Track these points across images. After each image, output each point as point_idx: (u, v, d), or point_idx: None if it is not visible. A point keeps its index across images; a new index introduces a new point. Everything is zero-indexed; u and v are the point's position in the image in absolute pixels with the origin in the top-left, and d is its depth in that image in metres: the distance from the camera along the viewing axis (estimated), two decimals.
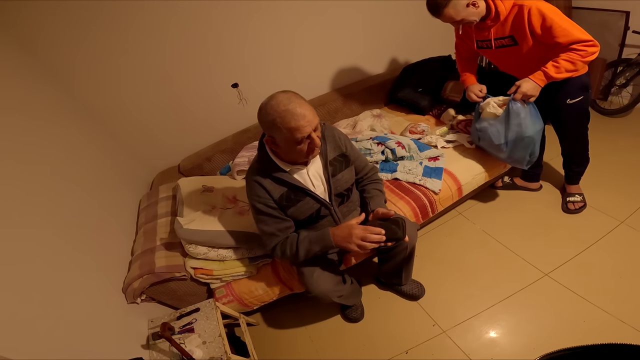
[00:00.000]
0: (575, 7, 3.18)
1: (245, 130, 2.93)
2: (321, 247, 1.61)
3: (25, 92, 1.88)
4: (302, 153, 1.45)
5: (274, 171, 1.53)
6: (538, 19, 1.79)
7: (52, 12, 2.04)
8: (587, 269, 2.08)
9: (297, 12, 2.75)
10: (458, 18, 1.87)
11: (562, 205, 2.49)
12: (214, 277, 2.00)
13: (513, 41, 1.94)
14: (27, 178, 1.57)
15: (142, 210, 2.40)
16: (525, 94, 1.94)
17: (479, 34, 2.04)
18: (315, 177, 1.63)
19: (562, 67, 1.82)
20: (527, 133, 2.05)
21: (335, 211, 1.72)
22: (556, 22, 1.76)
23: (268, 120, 1.35)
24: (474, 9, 1.85)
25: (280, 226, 1.63)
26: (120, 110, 2.50)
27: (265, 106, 1.36)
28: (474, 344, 1.91)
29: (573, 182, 2.46)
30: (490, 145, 2.22)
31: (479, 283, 2.17)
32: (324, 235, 1.59)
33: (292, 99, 1.34)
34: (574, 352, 0.76)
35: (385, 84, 3.27)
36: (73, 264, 1.59)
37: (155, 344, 1.71)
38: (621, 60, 3.07)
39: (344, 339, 2.14)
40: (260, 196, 1.56)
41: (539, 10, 1.78)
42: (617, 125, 3.07)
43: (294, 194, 1.58)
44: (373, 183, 1.86)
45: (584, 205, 2.42)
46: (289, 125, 1.33)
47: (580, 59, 1.79)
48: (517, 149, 2.14)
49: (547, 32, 1.79)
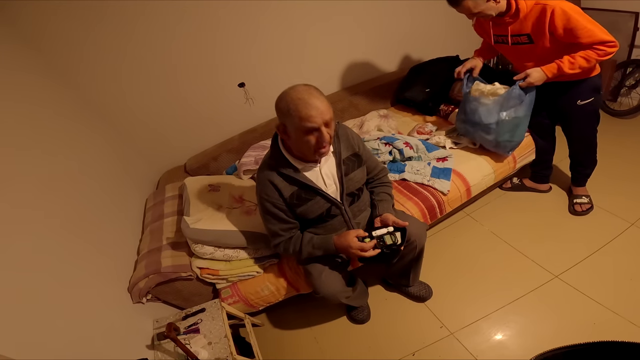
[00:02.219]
0: (584, 8, 3.14)
1: (252, 129, 2.92)
2: (323, 252, 1.68)
3: (34, 87, 1.89)
4: (310, 147, 1.45)
5: (286, 169, 1.54)
6: (562, 20, 1.76)
7: (57, 10, 2.04)
8: (598, 271, 2.05)
9: (303, 12, 2.74)
10: (475, 11, 1.85)
11: (568, 207, 2.47)
12: (220, 277, 1.99)
13: (529, 39, 1.92)
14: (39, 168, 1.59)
15: (148, 210, 2.39)
16: (532, 83, 1.96)
17: (497, 28, 2.03)
18: (328, 176, 1.63)
19: (577, 63, 1.80)
20: (521, 114, 2.11)
21: (345, 210, 1.70)
22: (581, 23, 1.73)
23: (282, 106, 1.38)
24: (493, 3, 1.83)
25: (284, 226, 1.65)
26: (126, 108, 2.49)
27: (284, 93, 1.40)
28: (482, 346, 1.88)
29: (580, 184, 2.43)
30: (475, 125, 2.23)
31: (487, 285, 2.15)
32: (328, 242, 1.65)
33: (311, 91, 1.37)
34: (569, 350, 0.76)
35: (392, 84, 3.25)
36: (80, 260, 1.59)
37: (160, 344, 1.70)
38: (631, 61, 3.04)
39: (350, 340, 2.12)
40: (269, 195, 1.56)
41: (563, 11, 1.75)
42: (627, 127, 3.03)
43: (305, 193, 1.58)
44: (383, 186, 1.86)
45: (591, 207, 2.40)
46: (300, 114, 1.35)
47: (596, 57, 1.78)
48: (504, 130, 2.17)
49: (570, 32, 1.76)
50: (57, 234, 1.53)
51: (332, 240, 1.63)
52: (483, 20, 1.99)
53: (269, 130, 2.84)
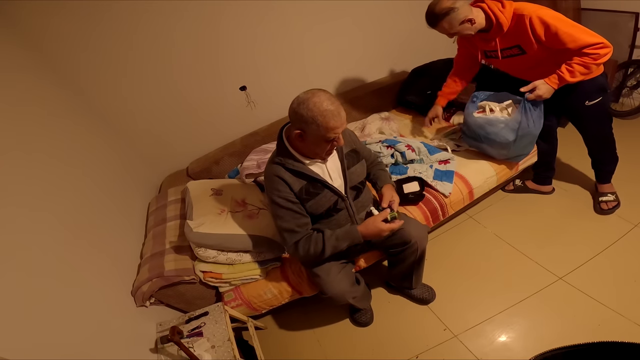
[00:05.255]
0: (584, 9, 3.16)
1: (254, 133, 2.92)
2: (349, 242, 1.68)
3: (35, 88, 1.89)
4: (324, 151, 1.53)
5: (293, 164, 1.57)
6: (540, 28, 1.78)
7: (59, 12, 2.05)
8: (602, 272, 2.04)
9: (305, 15, 2.75)
10: (452, 31, 1.93)
11: (594, 206, 2.43)
12: (223, 281, 1.99)
13: (521, 50, 1.93)
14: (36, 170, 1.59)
15: (151, 213, 2.39)
16: (541, 97, 1.94)
17: (485, 44, 2.04)
18: (333, 170, 1.68)
19: (576, 71, 1.80)
20: (536, 130, 2.11)
21: (350, 204, 1.75)
22: (561, 29, 1.74)
23: (308, 115, 1.39)
24: (469, 25, 1.89)
25: (299, 222, 1.65)
26: (128, 112, 2.50)
27: (307, 101, 1.40)
28: (486, 349, 1.88)
29: (604, 181, 2.39)
30: (496, 145, 2.22)
31: (490, 287, 2.14)
32: (352, 232, 1.67)
33: (333, 101, 1.41)
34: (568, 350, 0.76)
35: (394, 86, 3.26)
36: (83, 263, 1.59)
37: (163, 347, 1.70)
38: (632, 62, 3.04)
39: (353, 343, 2.12)
40: (280, 190, 1.58)
41: (540, 19, 1.77)
42: (629, 128, 3.02)
43: (313, 186, 1.62)
44: (376, 166, 1.99)
45: (618, 205, 2.35)
46: (327, 125, 1.39)
47: (593, 62, 1.77)
48: (522, 145, 2.19)
49: (554, 39, 1.78)
50: (60, 237, 1.53)
51: (357, 229, 1.66)
52: (471, 37, 2.02)
53: (271, 134, 2.84)
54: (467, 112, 2.27)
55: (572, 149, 2.71)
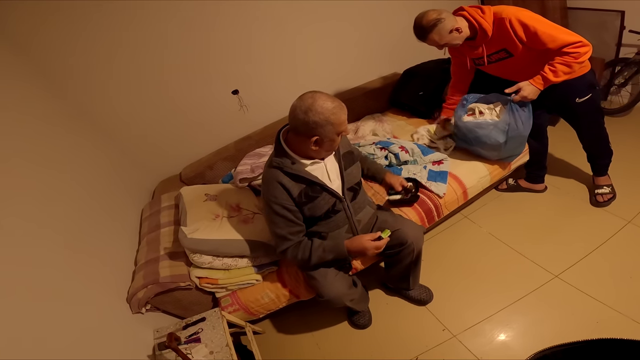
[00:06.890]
0: (570, 8, 3.19)
1: (247, 137, 2.90)
2: (334, 255, 1.70)
3: (23, 94, 1.87)
4: (332, 147, 1.54)
5: (292, 167, 1.56)
6: (519, 29, 1.83)
7: (47, 17, 2.02)
8: (597, 269, 2.05)
9: (297, 18, 2.75)
10: (442, 42, 1.96)
11: (590, 198, 2.46)
12: (219, 286, 1.98)
13: (508, 53, 1.97)
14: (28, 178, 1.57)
15: (144, 220, 2.37)
16: (526, 97, 1.97)
17: (472, 52, 2.08)
18: (332, 171, 1.68)
19: (559, 70, 1.85)
20: (525, 132, 2.13)
21: (348, 205, 1.75)
22: (539, 30, 1.79)
23: (321, 119, 1.41)
24: (457, 34, 1.93)
25: (292, 230, 1.65)
26: (119, 117, 2.47)
27: (312, 107, 1.41)
28: (486, 348, 1.88)
29: (600, 174, 2.42)
30: (487, 147, 2.24)
31: (488, 286, 2.15)
32: (339, 246, 1.69)
33: (330, 96, 1.46)
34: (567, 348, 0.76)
35: (386, 88, 3.26)
36: (77, 271, 1.57)
37: (161, 354, 1.68)
38: (619, 60, 3.07)
39: (352, 345, 2.11)
40: (277, 197, 1.57)
41: (519, 20, 1.82)
42: (618, 125, 3.04)
43: (312, 190, 1.61)
44: (366, 160, 2.11)
45: (613, 197, 2.38)
46: (340, 120, 1.45)
47: (574, 61, 1.81)
48: (513, 146, 2.22)
49: (534, 39, 1.82)
50: (52, 246, 1.51)
51: (344, 244, 1.68)
52: (460, 47, 2.06)
53: (265, 138, 2.83)
54: (457, 116, 2.30)
55: (563, 147, 2.75)
